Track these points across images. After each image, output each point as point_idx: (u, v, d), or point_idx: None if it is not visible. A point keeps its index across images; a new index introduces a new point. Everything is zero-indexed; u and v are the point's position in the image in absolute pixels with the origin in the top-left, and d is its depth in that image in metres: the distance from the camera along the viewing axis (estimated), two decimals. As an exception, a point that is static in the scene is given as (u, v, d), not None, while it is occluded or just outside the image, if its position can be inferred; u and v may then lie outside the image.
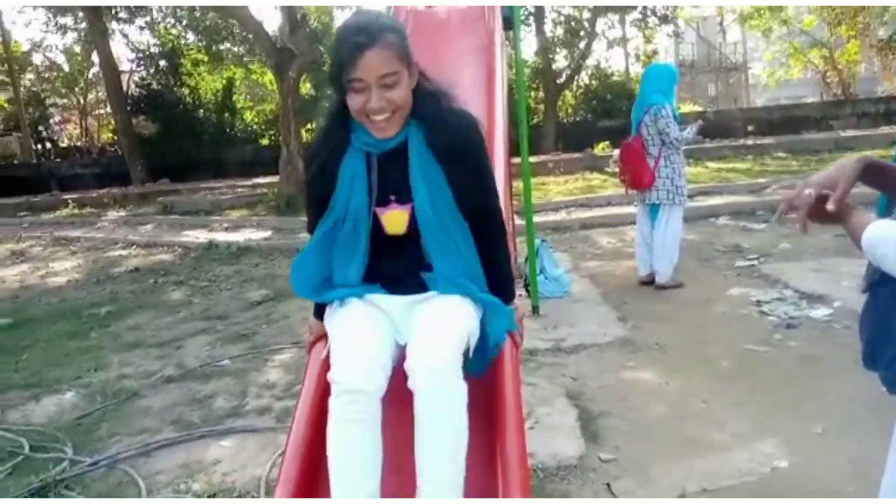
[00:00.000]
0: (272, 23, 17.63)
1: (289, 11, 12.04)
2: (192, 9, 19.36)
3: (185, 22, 20.42)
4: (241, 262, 7.56)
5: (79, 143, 24.04)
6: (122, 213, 12.99)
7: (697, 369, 3.66)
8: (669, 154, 5.06)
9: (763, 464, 2.70)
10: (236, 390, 3.85)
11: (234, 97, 21.12)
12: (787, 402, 3.19)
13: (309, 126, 20.47)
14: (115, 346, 4.88)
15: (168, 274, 7.25)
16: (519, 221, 5.59)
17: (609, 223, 8.16)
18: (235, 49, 20.68)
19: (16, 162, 21.01)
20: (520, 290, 5.11)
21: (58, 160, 21.59)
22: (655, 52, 23.25)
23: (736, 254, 6.07)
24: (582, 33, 20.02)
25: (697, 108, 22.95)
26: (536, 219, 7.85)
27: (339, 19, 23.09)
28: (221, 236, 9.22)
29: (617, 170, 5.64)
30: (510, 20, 4.41)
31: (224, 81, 20.77)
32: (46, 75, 24.36)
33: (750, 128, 19.01)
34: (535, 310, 4.74)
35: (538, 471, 2.73)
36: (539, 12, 18.88)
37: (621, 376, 3.66)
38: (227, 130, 20.29)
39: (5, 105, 23.57)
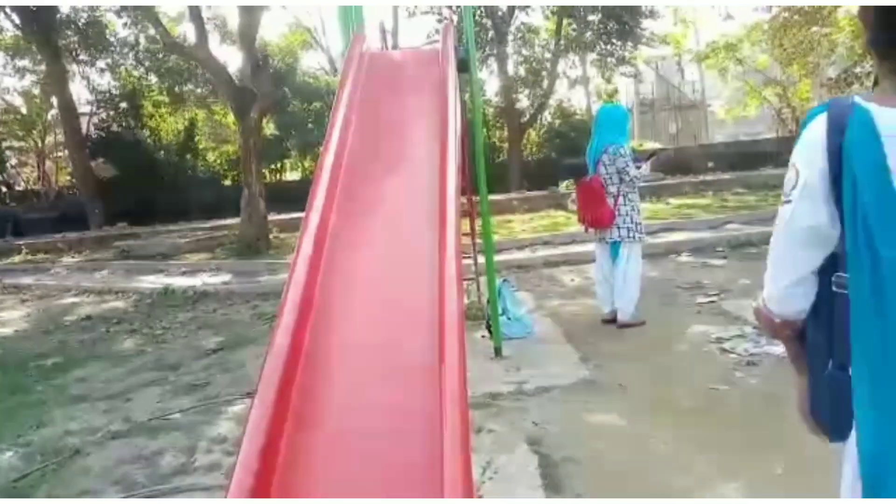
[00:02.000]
0: (234, 64, 17.61)
1: (250, 52, 12.03)
2: (153, 51, 19.31)
3: (146, 64, 20.32)
4: (197, 308, 7.36)
5: (36, 187, 23.55)
6: (78, 259, 12.65)
7: (660, 410, 3.60)
8: (627, 192, 5.11)
9: (727, 509, 2.64)
10: (185, 445, 3.67)
11: (196, 138, 20.98)
12: (749, 443, 3.14)
13: (272, 166, 20.41)
14: (61, 400, 4.65)
15: (121, 322, 7.01)
16: (480, 260, 5.55)
17: (573, 261, 8.16)
18: (198, 90, 20.60)
19: (-31, 207, 20.47)
20: (482, 332, 5.04)
21: (13, 204, 21.08)
22: (616, 91, 23.83)
23: (697, 290, 6.09)
24: (544, 73, 20.42)
25: (658, 145, 23.42)
26: (500, 257, 7.86)
27: (303, 60, 23.28)
28: (178, 281, 9.00)
29: (575, 208, 5.65)
30: (466, 62, 4.42)
31: (186, 123, 20.65)
32: (3, 118, 23.94)
33: (710, 164, 19.44)
34: (497, 351, 4.65)
35: (497, 524, 2.62)
36: (501, 53, 19.23)
37: (584, 419, 3.58)
38: (189, 172, 20.09)
39: (-41, 149, 23.06)
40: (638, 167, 5.16)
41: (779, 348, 4.28)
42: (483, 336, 5.00)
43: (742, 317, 5.09)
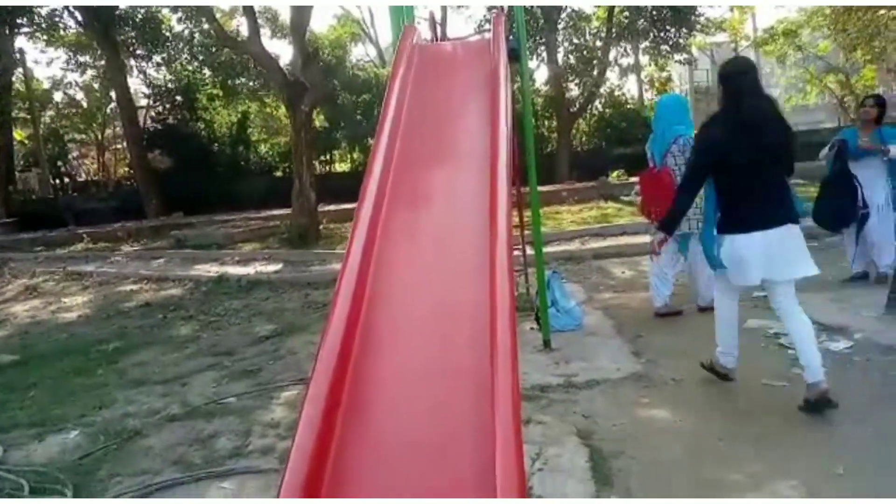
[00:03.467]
0: (285, 57, 17.86)
1: (301, 46, 12.18)
2: (207, 45, 19.72)
3: (201, 58, 20.77)
4: (250, 296, 7.52)
5: (96, 178, 24.41)
6: (136, 247, 13.06)
7: (714, 406, 3.53)
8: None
9: (783, 508, 2.57)
10: (240, 429, 3.76)
11: (249, 130, 21.37)
12: (807, 441, 3.05)
13: (322, 158, 20.66)
14: (121, 384, 4.83)
15: (177, 308, 7.22)
16: (529, 252, 5.51)
17: (624, 253, 8.04)
18: (250, 83, 20.97)
19: (34, 197, 21.34)
20: (531, 324, 5.02)
21: (74, 195, 21.90)
22: (669, 79, 23.31)
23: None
24: (595, 62, 20.10)
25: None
26: (549, 249, 7.80)
27: (352, 52, 23.43)
28: (232, 270, 9.22)
29: (638, 200, 5.60)
30: (516, 51, 4.38)
31: (239, 115, 21.04)
32: (66, 112, 24.87)
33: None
34: (546, 343, 4.63)
35: (547, 516, 2.62)
36: (551, 42, 19.00)
37: (635, 413, 3.54)
38: (242, 163, 20.49)
39: (25, 142, 24.06)
40: None
41: (839, 344, 4.17)
42: (532, 328, 4.97)
43: (800, 312, 4.93)
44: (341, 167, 21.91)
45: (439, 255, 2.72)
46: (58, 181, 23.48)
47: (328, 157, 21.49)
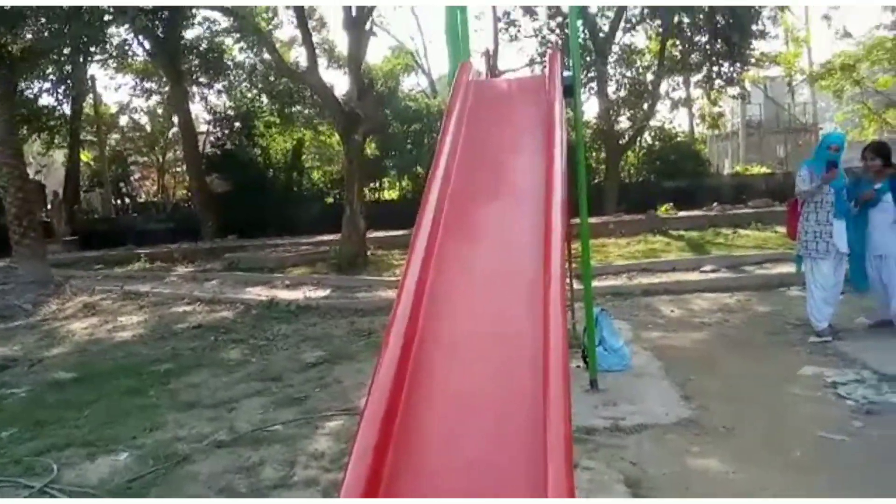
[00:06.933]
0: (341, 88, 18.29)
1: (357, 77, 12.46)
2: (266, 75, 20.34)
3: (260, 86, 21.42)
4: (299, 321, 7.62)
5: (155, 199, 25.23)
6: (190, 269, 13.39)
7: (768, 458, 3.41)
8: (807, 212, 5.60)
9: (844, 573, 2.45)
10: (285, 459, 3.79)
11: (303, 157, 21.84)
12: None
13: (371, 185, 20.95)
14: (172, 405, 4.92)
15: (228, 332, 7.35)
16: (577, 286, 5.46)
17: (673, 290, 7.89)
18: (306, 111, 21.48)
19: (96, 217, 22.17)
20: (578, 361, 4.94)
21: (135, 215, 22.66)
22: (721, 114, 22.97)
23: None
24: (645, 94, 19.96)
25: (766, 170, 22.42)
26: (595, 283, 7.67)
27: (405, 84, 23.87)
28: (282, 294, 9.36)
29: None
30: (571, 88, 4.40)
31: (294, 142, 21.54)
32: (130, 135, 25.90)
33: (823, 191, 18.33)
34: (592, 384, 4.55)
35: (593, 567, 2.55)
36: (601, 74, 18.96)
37: (685, 462, 3.44)
38: (295, 189, 20.91)
39: (91, 163, 25.11)
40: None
41: (904, 397, 3.98)
42: (578, 366, 4.89)
43: (860, 360, 4.76)
44: (390, 195, 22.14)
45: (493, 289, 2.72)
46: (119, 201, 24.37)
47: (377, 184, 21.77)
